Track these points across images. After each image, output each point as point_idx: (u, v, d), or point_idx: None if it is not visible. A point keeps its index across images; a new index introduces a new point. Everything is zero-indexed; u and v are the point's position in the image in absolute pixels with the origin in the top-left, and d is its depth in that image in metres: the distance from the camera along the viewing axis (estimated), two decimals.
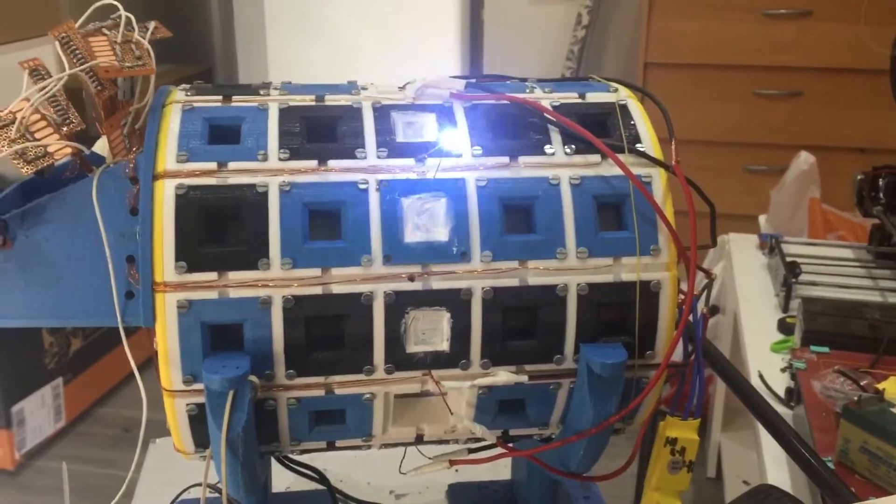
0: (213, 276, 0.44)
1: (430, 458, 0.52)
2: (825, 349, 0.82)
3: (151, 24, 0.52)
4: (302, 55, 2.25)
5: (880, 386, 0.70)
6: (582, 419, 0.48)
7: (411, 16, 2.18)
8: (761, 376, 0.87)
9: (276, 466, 0.57)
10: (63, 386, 1.70)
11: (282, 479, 0.64)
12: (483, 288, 0.46)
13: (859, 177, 1.09)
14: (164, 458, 0.75)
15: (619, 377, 0.47)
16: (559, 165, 0.49)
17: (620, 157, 0.48)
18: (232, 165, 0.46)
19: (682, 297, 0.49)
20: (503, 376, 0.47)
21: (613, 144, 0.49)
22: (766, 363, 0.90)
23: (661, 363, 0.48)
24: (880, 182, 1.05)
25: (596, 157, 0.49)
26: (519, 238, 0.47)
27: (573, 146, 0.49)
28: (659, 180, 0.49)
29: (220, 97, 0.50)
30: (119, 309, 0.46)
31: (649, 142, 0.50)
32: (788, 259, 1.06)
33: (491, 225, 0.47)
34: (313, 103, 0.50)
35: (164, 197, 0.44)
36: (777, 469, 0.73)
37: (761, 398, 0.55)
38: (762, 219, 1.44)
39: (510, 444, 0.52)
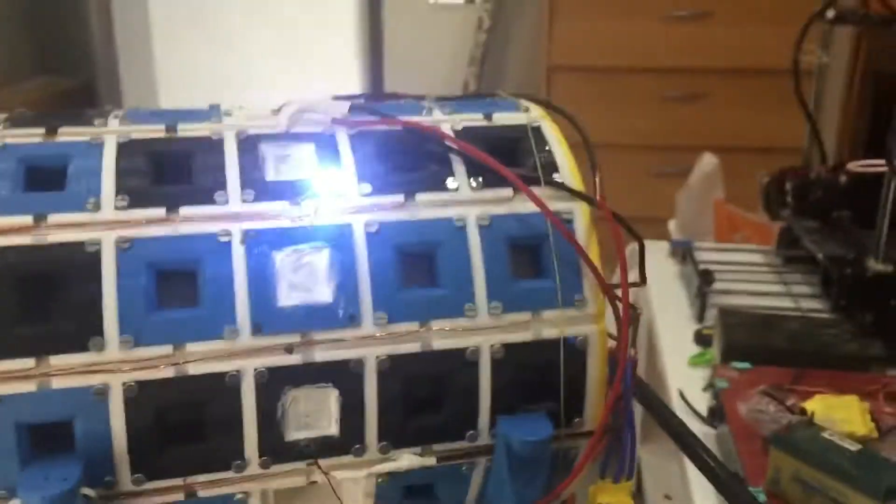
0: (29, 362, 0.35)
1: None
2: (747, 365, 0.78)
3: None
4: (192, 60, 2.11)
5: (807, 406, 0.66)
6: None
7: (308, 16, 2.07)
8: (682, 396, 0.82)
9: None
10: None
11: None
12: (378, 357, 0.38)
13: (765, 179, 1.07)
14: None
15: (544, 458, 0.39)
16: (465, 203, 0.41)
17: (535, 190, 0.41)
18: (53, 219, 0.37)
19: (610, 343, 0.42)
20: (406, 461, 0.39)
21: (527, 175, 0.42)
22: (686, 379, 0.87)
23: (595, 433, 0.41)
24: (787, 185, 1.04)
25: (507, 191, 0.42)
26: (419, 294, 0.40)
27: (480, 179, 0.42)
28: (581, 216, 0.42)
29: (43, 130, 0.40)
30: None
31: (567, 170, 0.43)
32: (701, 266, 1.03)
33: (385, 280, 0.39)
34: (162, 135, 0.41)
35: None
36: (700, 484, 0.67)
37: (700, 445, 0.48)
38: (671, 224, 1.42)
39: None
